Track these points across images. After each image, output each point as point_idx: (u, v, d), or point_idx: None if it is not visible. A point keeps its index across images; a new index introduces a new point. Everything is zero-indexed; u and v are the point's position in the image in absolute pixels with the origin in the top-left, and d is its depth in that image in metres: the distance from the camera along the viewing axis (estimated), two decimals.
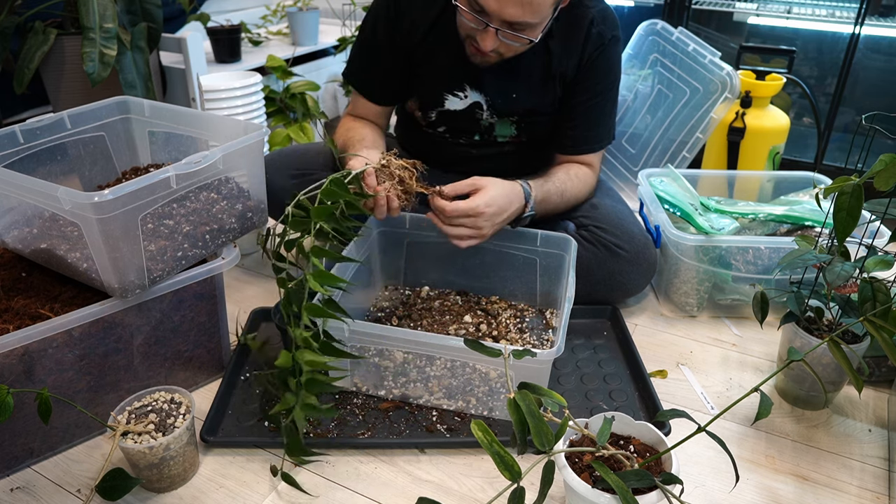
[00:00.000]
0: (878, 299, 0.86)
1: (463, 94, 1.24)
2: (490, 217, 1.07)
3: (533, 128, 1.28)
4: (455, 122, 1.28)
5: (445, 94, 1.24)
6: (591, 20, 1.18)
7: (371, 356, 0.99)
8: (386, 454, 0.96)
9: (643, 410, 1.04)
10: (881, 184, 0.74)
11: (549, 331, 1.18)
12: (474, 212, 1.05)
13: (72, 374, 0.90)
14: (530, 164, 1.32)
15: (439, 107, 1.26)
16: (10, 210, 0.97)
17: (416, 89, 1.27)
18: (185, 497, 0.88)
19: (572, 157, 1.29)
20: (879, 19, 1.81)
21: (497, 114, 1.25)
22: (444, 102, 1.25)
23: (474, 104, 1.24)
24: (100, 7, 1.52)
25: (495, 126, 1.28)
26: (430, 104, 1.27)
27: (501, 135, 1.30)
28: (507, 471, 0.62)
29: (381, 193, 1.00)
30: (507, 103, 1.24)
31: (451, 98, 1.24)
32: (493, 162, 1.32)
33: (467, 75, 1.21)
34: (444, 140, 1.33)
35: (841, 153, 1.93)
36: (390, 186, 1.02)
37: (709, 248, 1.20)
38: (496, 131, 1.29)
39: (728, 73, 1.63)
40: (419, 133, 1.35)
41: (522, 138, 1.30)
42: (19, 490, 0.89)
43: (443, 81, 1.24)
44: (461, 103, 1.25)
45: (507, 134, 1.29)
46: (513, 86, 1.22)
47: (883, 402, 1.08)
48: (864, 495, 0.90)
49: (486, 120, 1.27)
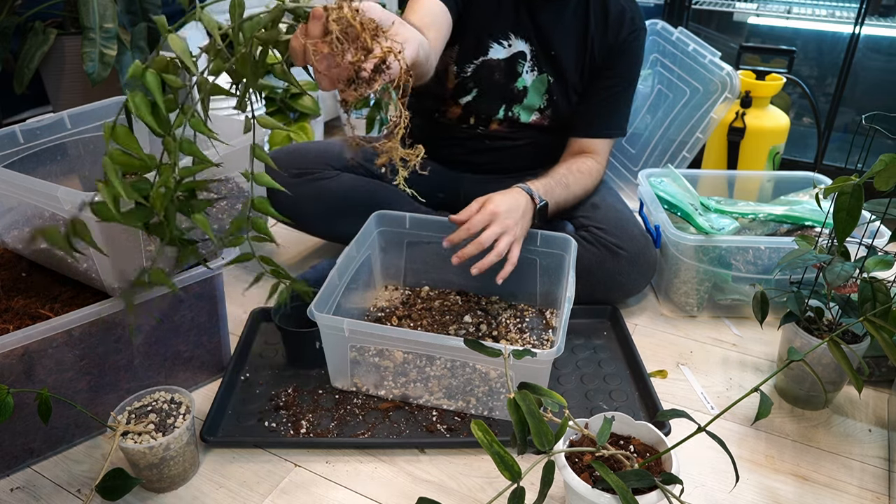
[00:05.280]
0: (878, 299, 0.86)
1: (507, 42, 1.25)
2: (507, 213, 1.07)
3: (560, 100, 1.29)
4: (491, 78, 1.27)
5: (490, 41, 1.25)
6: (624, 6, 1.25)
7: (371, 356, 1.00)
8: (386, 454, 0.96)
9: (643, 410, 1.04)
10: (881, 184, 0.74)
11: (549, 331, 1.18)
12: (491, 214, 1.05)
13: (72, 374, 0.90)
14: (539, 163, 1.32)
15: (483, 55, 1.26)
16: (10, 210, 0.97)
17: (458, 35, 1.23)
18: (185, 497, 0.88)
19: (582, 143, 1.31)
20: (879, 19, 1.81)
21: (538, 67, 1.26)
22: (489, 50, 1.25)
23: (518, 53, 1.25)
24: (100, 7, 1.52)
25: (528, 91, 1.28)
26: (471, 53, 1.26)
27: (530, 106, 1.30)
28: (507, 471, 0.62)
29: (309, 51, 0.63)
30: (546, 57, 1.26)
31: (495, 46, 1.25)
32: (505, 155, 1.32)
33: (516, 20, 1.23)
34: (457, 129, 1.32)
35: (841, 153, 1.93)
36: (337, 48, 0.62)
37: (709, 248, 1.20)
38: (527, 99, 1.29)
39: (728, 73, 1.63)
40: (431, 124, 1.35)
41: (546, 119, 1.31)
42: (19, 490, 0.89)
43: (490, 24, 1.24)
44: (504, 52, 1.26)
45: (536, 105, 1.30)
46: (553, 42, 1.25)
47: (883, 402, 1.08)
48: (864, 495, 0.90)
49: (523, 76, 1.27)
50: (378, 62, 0.63)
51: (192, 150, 0.71)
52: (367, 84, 0.64)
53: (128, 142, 0.67)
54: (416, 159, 0.74)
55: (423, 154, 0.76)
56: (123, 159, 0.67)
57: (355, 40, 0.62)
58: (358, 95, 0.64)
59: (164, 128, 0.68)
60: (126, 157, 0.68)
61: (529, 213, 1.13)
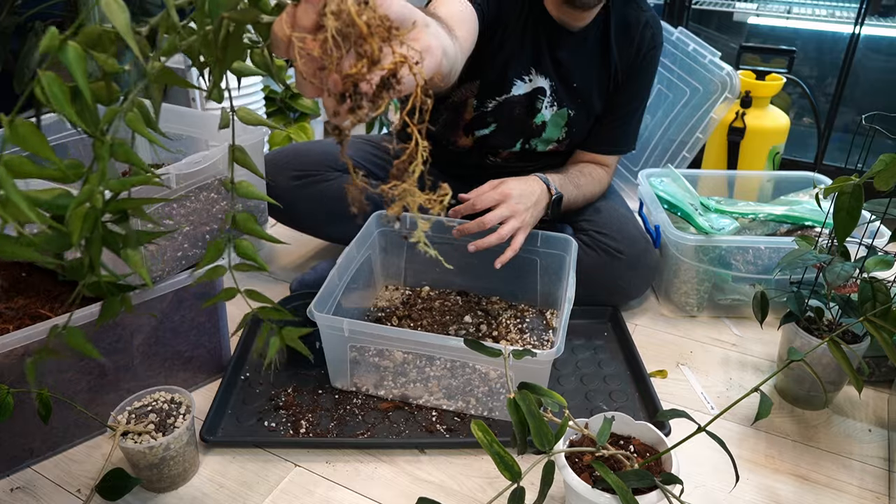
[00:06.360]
0: (878, 299, 0.86)
1: (528, 77, 1.22)
2: (519, 198, 1.05)
3: (578, 131, 1.28)
4: (511, 115, 1.25)
5: (514, 79, 1.22)
6: (645, 22, 1.22)
7: (371, 356, 1.00)
8: (386, 454, 0.96)
9: (643, 411, 1.04)
10: (881, 184, 0.74)
11: (550, 331, 1.18)
12: (501, 195, 1.03)
13: (72, 374, 0.90)
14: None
15: (506, 93, 1.23)
16: None
17: (480, 70, 1.20)
18: (185, 497, 0.88)
19: (594, 157, 1.30)
20: (879, 19, 1.81)
21: (558, 102, 1.24)
22: (512, 87, 1.22)
23: (537, 89, 1.23)
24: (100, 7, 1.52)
25: (547, 126, 1.26)
26: (494, 89, 1.23)
27: (548, 139, 1.28)
28: (507, 471, 0.62)
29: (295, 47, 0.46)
30: (568, 91, 1.24)
31: (517, 83, 1.22)
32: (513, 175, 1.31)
33: (536, 55, 1.20)
34: (466, 157, 1.31)
35: (841, 153, 1.93)
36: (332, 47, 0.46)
37: (709, 248, 1.20)
38: (545, 133, 1.27)
39: (728, 73, 1.62)
40: (437, 149, 1.33)
41: (561, 147, 1.30)
42: (19, 490, 0.89)
43: (514, 59, 1.21)
44: (524, 87, 1.23)
45: (554, 138, 1.28)
46: (575, 75, 1.22)
47: (883, 402, 1.08)
48: (864, 495, 0.90)
49: (542, 112, 1.24)
50: (387, 76, 0.47)
51: (128, 156, 0.52)
52: (369, 103, 0.47)
53: (34, 141, 0.47)
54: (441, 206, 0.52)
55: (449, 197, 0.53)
56: (27, 168, 0.48)
57: (358, 44, 0.45)
58: (354, 119, 0.47)
59: (88, 123, 0.50)
60: (31, 165, 0.48)
61: (543, 202, 1.12)
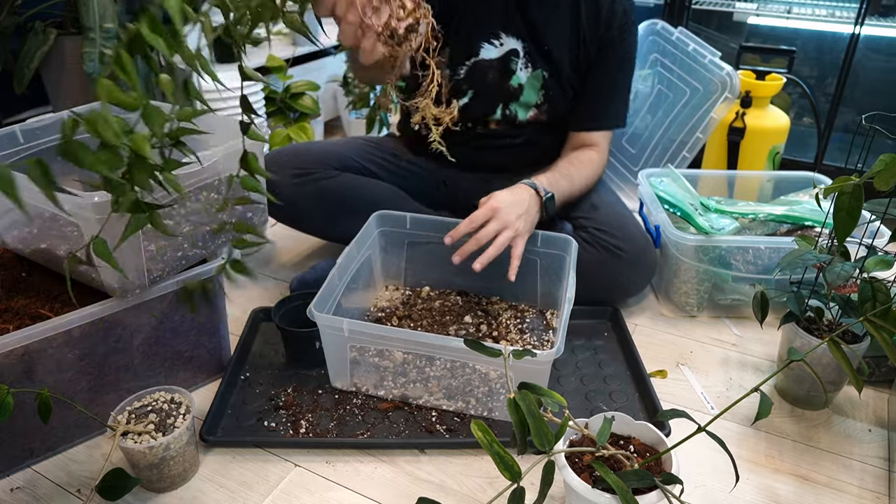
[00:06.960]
0: (878, 299, 0.86)
1: (498, 41, 1.24)
2: (508, 209, 1.06)
3: (556, 95, 1.29)
4: (484, 79, 1.27)
5: (481, 42, 1.24)
6: None
7: (371, 356, 0.99)
8: (386, 454, 0.96)
9: (643, 411, 1.04)
10: (881, 184, 0.74)
11: (550, 331, 1.18)
12: (490, 209, 1.05)
13: (72, 374, 0.90)
14: (539, 160, 1.32)
15: (474, 56, 1.25)
16: (10, 210, 0.97)
17: (447, 37, 1.20)
18: (185, 497, 0.88)
19: (582, 136, 1.31)
20: (879, 19, 1.81)
21: (532, 63, 1.26)
22: (480, 51, 1.25)
23: (510, 51, 1.25)
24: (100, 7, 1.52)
25: (524, 88, 1.28)
26: (462, 54, 1.26)
27: (526, 103, 1.30)
28: (507, 471, 0.62)
29: None
30: (540, 52, 1.26)
31: (486, 46, 1.25)
32: (503, 154, 1.33)
33: (506, 18, 1.22)
34: (455, 131, 1.32)
35: (841, 153, 1.93)
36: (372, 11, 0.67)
37: (709, 248, 1.20)
38: (523, 96, 1.29)
39: (728, 73, 1.62)
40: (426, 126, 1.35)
41: (543, 115, 1.31)
42: (19, 490, 0.89)
43: (479, 24, 1.23)
44: (496, 51, 1.25)
45: (532, 102, 1.30)
46: (546, 37, 1.24)
47: (883, 402, 1.08)
48: (864, 495, 0.90)
49: (518, 74, 1.26)
50: (413, 23, 0.65)
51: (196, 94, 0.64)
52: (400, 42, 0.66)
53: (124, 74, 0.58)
54: (449, 118, 0.80)
55: (455, 114, 0.82)
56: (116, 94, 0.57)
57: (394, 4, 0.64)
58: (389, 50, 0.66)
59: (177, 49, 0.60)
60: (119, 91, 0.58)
61: (535, 206, 1.13)
